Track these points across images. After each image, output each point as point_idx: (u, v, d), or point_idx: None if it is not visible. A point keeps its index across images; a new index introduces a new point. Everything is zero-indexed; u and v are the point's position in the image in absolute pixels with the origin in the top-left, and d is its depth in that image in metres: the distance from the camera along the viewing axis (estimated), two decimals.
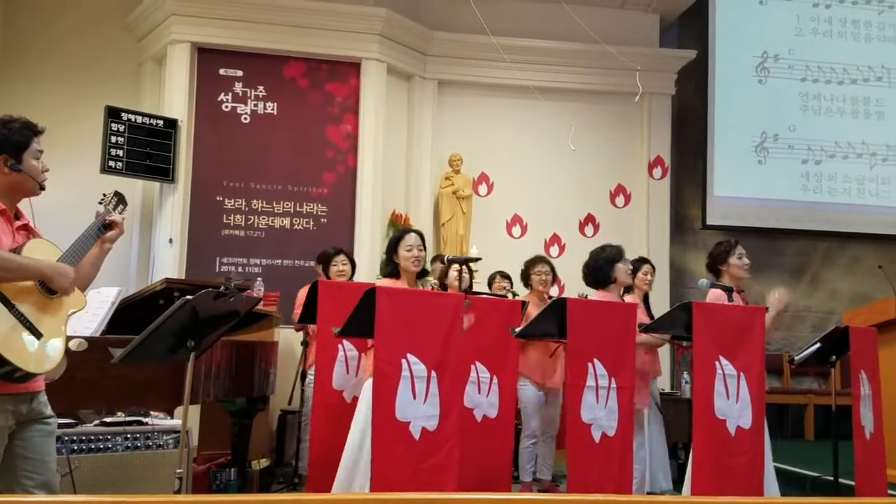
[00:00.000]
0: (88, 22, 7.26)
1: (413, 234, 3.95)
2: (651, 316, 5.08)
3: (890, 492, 4.63)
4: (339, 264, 5.44)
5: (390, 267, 3.98)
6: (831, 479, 4.35)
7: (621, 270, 4.44)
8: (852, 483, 4.31)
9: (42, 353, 2.49)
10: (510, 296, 5.66)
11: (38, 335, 2.48)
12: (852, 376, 4.38)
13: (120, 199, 2.83)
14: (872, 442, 4.44)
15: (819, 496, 4.62)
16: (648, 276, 5.23)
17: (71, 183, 5.91)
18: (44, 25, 7.18)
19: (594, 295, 4.51)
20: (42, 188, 2.64)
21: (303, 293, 5.42)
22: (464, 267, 4.66)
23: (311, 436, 4.39)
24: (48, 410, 2.62)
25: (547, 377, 5.09)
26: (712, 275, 4.48)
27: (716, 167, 8.51)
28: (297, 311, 5.35)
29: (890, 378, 5.01)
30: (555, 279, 5.56)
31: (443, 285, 5.27)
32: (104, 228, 2.74)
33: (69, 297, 2.62)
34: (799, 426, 7.85)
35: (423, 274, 4.12)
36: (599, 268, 4.48)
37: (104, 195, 2.83)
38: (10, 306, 2.43)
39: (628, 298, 4.96)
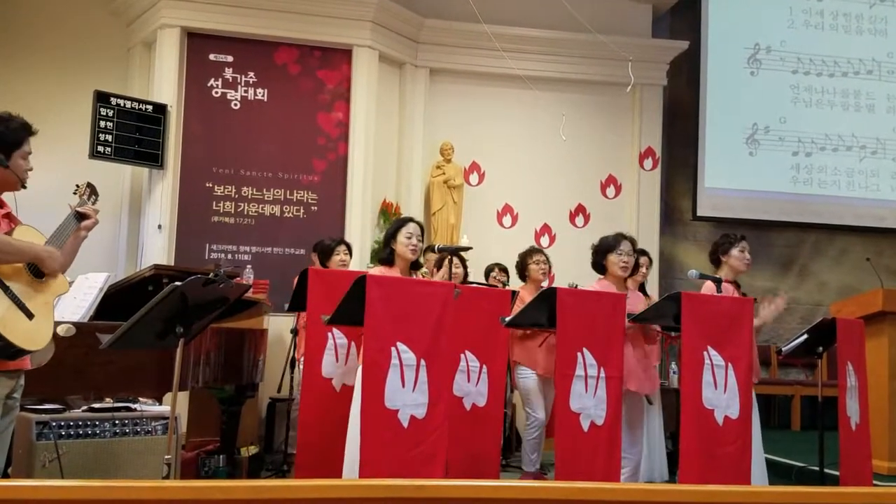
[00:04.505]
0: (76, 6, 7.17)
1: (414, 224, 4.03)
2: None
3: (875, 482, 4.67)
4: (342, 254, 5.44)
5: (386, 252, 4.02)
6: (817, 469, 4.40)
7: (612, 262, 4.34)
8: (837, 473, 4.36)
9: (34, 332, 2.63)
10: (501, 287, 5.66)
11: (29, 315, 2.62)
12: (839, 368, 4.41)
13: (93, 191, 3.01)
14: (858, 433, 4.48)
15: (804, 486, 4.65)
16: (643, 269, 5.33)
17: (59, 167, 5.86)
18: (32, 10, 7.09)
19: (595, 284, 4.42)
20: (23, 185, 2.80)
21: None
22: (456, 259, 4.66)
23: (300, 423, 4.38)
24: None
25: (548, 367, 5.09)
26: (713, 265, 4.52)
27: (706, 159, 8.52)
28: None
29: (876, 370, 5.06)
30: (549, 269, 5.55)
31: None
32: (79, 218, 2.90)
33: (55, 281, 2.76)
34: (785, 417, 7.91)
35: (416, 266, 4.14)
36: (594, 255, 4.46)
37: (77, 186, 3.00)
38: (5, 288, 2.57)
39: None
